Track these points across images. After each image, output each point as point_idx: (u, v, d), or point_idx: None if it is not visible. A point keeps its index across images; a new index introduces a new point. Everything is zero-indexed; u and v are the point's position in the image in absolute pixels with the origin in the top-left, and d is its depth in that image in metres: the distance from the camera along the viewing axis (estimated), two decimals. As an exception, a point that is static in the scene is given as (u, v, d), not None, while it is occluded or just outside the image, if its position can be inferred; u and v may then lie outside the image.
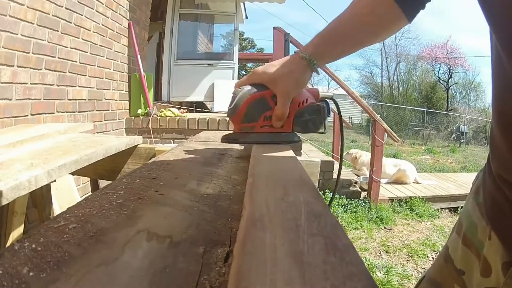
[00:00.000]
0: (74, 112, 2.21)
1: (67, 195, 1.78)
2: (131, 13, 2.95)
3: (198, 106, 4.14)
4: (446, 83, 17.55)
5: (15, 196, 0.62)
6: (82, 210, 0.28)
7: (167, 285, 0.18)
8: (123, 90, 2.92)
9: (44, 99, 1.89)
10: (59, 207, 1.59)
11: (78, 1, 2.15)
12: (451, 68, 17.28)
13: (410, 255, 2.58)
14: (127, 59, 2.94)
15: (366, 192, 3.75)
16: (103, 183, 2.11)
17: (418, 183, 4.36)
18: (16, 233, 1.22)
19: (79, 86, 2.24)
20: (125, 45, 2.89)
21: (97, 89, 2.48)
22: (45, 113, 1.91)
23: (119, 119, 2.85)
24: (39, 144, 1.00)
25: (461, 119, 14.59)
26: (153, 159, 0.55)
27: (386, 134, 3.68)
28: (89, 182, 2.30)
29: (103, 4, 2.47)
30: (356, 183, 3.84)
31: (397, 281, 2.15)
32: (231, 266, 0.17)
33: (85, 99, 2.33)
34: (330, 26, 0.58)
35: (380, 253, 2.60)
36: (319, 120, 0.59)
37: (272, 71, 0.55)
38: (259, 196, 0.28)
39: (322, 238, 0.19)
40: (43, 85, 1.87)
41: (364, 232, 2.95)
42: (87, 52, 2.31)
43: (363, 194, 3.76)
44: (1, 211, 1.18)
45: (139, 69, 3.00)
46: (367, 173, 4.00)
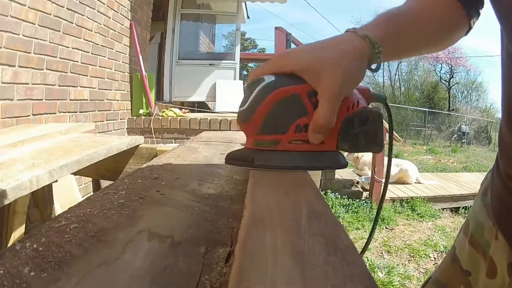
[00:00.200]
0: (76, 112, 2.21)
1: (68, 195, 1.78)
2: (132, 13, 2.95)
3: (199, 106, 4.15)
4: (447, 83, 17.50)
5: (17, 196, 0.62)
6: (83, 210, 0.28)
7: (168, 285, 0.18)
8: (124, 90, 2.93)
9: (46, 99, 1.89)
10: (60, 207, 1.60)
11: (79, 2, 2.15)
12: (452, 68, 17.22)
13: (412, 255, 2.58)
14: (129, 59, 2.95)
15: (368, 192, 3.74)
16: (104, 183, 2.11)
17: (419, 183, 4.35)
18: (18, 233, 1.22)
19: (80, 86, 2.25)
20: (126, 45, 2.89)
21: (99, 89, 2.49)
22: (47, 113, 1.91)
23: (120, 119, 2.86)
24: (41, 144, 1.00)
25: (462, 119, 14.54)
26: (154, 159, 0.55)
27: (387, 134, 3.66)
28: (90, 182, 2.30)
29: (104, 4, 2.48)
30: (357, 183, 3.83)
31: (399, 281, 2.15)
32: (232, 266, 0.17)
33: (87, 99, 2.34)
34: (395, 11, 0.44)
35: (382, 253, 2.60)
36: (373, 133, 0.39)
37: (312, 53, 0.36)
38: (260, 196, 0.28)
39: (323, 238, 0.19)
40: (44, 85, 1.88)
41: (365, 232, 2.94)
42: (88, 52, 2.31)
43: (365, 194, 3.75)
44: (2, 211, 1.18)
45: (141, 69, 3.01)
46: (369, 173, 3.99)
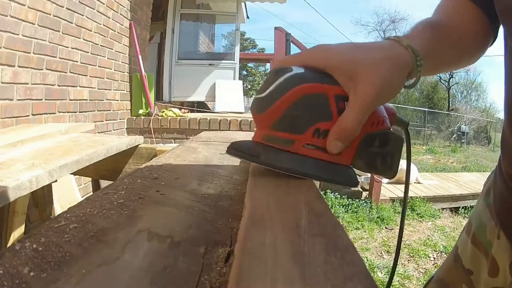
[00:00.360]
0: (75, 112, 2.21)
1: (68, 195, 1.78)
2: (132, 13, 2.95)
3: (199, 106, 4.14)
4: (447, 83, 17.52)
5: (16, 196, 0.62)
6: (83, 210, 0.28)
7: (167, 285, 0.18)
8: (124, 90, 2.92)
9: (45, 99, 1.89)
10: (60, 207, 1.60)
11: (79, 2, 2.15)
12: (452, 68, 17.21)
13: (411, 255, 2.58)
14: (128, 59, 2.95)
15: (367, 192, 3.75)
16: (104, 183, 2.11)
17: (419, 183, 4.35)
18: (17, 233, 1.22)
19: (80, 86, 2.24)
20: (126, 45, 2.89)
21: (98, 89, 2.49)
22: (46, 113, 1.91)
23: (120, 119, 2.86)
24: (40, 144, 1.00)
25: (462, 119, 14.56)
26: (154, 159, 0.55)
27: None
28: (90, 182, 2.30)
29: (104, 4, 2.47)
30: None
31: (398, 281, 2.15)
32: (232, 266, 0.17)
33: (86, 99, 2.34)
34: (433, 23, 0.42)
35: (381, 253, 2.60)
36: (391, 157, 0.36)
37: (351, 52, 0.32)
38: (260, 196, 0.28)
39: (323, 238, 0.19)
40: (44, 85, 1.88)
41: (365, 232, 2.95)
42: (88, 52, 2.31)
43: (364, 194, 3.75)
44: (2, 211, 1.18)
45: (140, 69, 3.01)
46: (368, 174, 3.99)
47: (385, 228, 3.08)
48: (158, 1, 4.16)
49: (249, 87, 21.39)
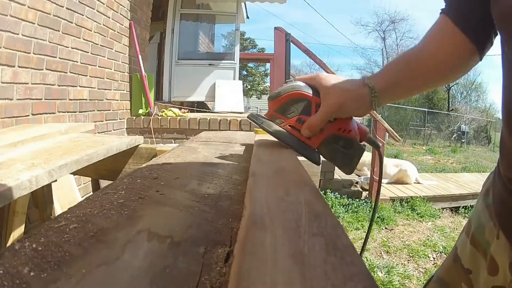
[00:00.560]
0: (75, 112, 2.21)
1: (68, 195, 1.78)
2: (132, 13, 2.95)
3: (199, 106, 4.14)
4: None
5: (16, 196, 0.62)
6: (83, 210, 0.28)
7: (167, 285, 0.18)
8: (124, 90, 2.92)
9: (45, 99, 1.89)
10: (60, 207, 1.60)
11: (79, 1, 2.15)
12: (452, 68, 17.20)
13: (411, 255, 2.58)
14: (128, 59, 2.95)
15: (367, 192, 3.74)
16: (104, 183, 2.11)
17: (419, 183, 4.35)
18: (17, 233, 1.22)
19: (80, 86, 2.24)
20: (126, 45, 2.89)
21: (98, 89, 2.49)
22: (46, 113, 1.91)
23: (120, 119, 2.85)
24: (40, 144, 1.00)
25: (462, 119, 14.57)
26: (154, 159, 0.55)
27: (387, 134, 3.67)
28: (90, 182, 2.30)
29: (104, 4, 2.47)
30: (357, 183, 3.84)
31: (398, 281, 2.15)
32: (232, 266, 0.17)
33: (86, 99, 2.33)
34: (399, 60, 0.54)
35: (381, 253, 2.60)
36: (349, 158, 0.53)
37: (331, 80, 0.52)
38: (260, 196, 0.28)
39: (323, 238, 0.19)
40: (44, 85, 1.88)
41: (365, 232, 2.95)
42: (88, 52, 2.31)
43: (364, 194, 3.75)
44: (2, 211, 1.18)
45: (140, 69, 3.01)
46: (368, 173, 3.99)
47: (385, 228, 3.08)
48: (158, 1, 4.16)
49: (249, 87, 21.35)
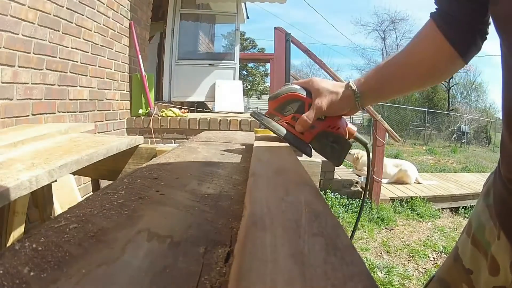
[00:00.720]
0: (75, 112, 2.21)
1: (68, 195, 1.78)
2: (132, 13, 2.95)
3: (199, 106, 4.14)
4: (447, 83, 17.52)
5: (16, 196, 0.62)
6: (83, 210, 0.28)
7: (167, 285, 0.18)
8: (124, 90, 2.92)
9: (45, 99, 1.89)
10: (60, 207, 1.60)
11: (79, 1, 2.15)
12: (452, 68, 17.19)
13: (411, 255, 2.58)
14: (128, 59, 2.95)
15: (367, 192, 3.74)
16: (104, 183, 2.11)
17: (419, 183, 4.35)
18: (17, 233, 1.22)
19: (80, 86, 2.24)
20: (126, 45, 2.89)
21: (98, 89, 2.49)
22: (46, 113, 1.91)
23: (120, 119, 2.85)
24: (40, 144, 1.00)
25: (462, 119, 14.57)
26: (154, 159, 0.55)
27: (387, 134, 3.67)
28: (90, 182, 2.30)
29: (104, 4, 2.47)
30: (357, 183, 3.83)
31: (398, 281, 2.15)
32: (232, 266, 0.17)
33: (86, 99, 2.33)
34: (383, 64, 0.58)
35: (381, 253, 2.60)
36: (338, 152, 0.62)
37: (322, 84, 0.58)
38: (260, 196, 0.28)
39: (323, 238, 0.19)
40: (44, 85, 1.88)
41: (365, 232, 2.95)
42: (88, 52, 2.31)
43: (364, 194, 3.75)
44: (2, 211, 1.18)
45: (140, 69, 3.01)
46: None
47: (385, 228, 3.08)
48: (158, 1, 4.16)
49: (249, 87, 21.33)
